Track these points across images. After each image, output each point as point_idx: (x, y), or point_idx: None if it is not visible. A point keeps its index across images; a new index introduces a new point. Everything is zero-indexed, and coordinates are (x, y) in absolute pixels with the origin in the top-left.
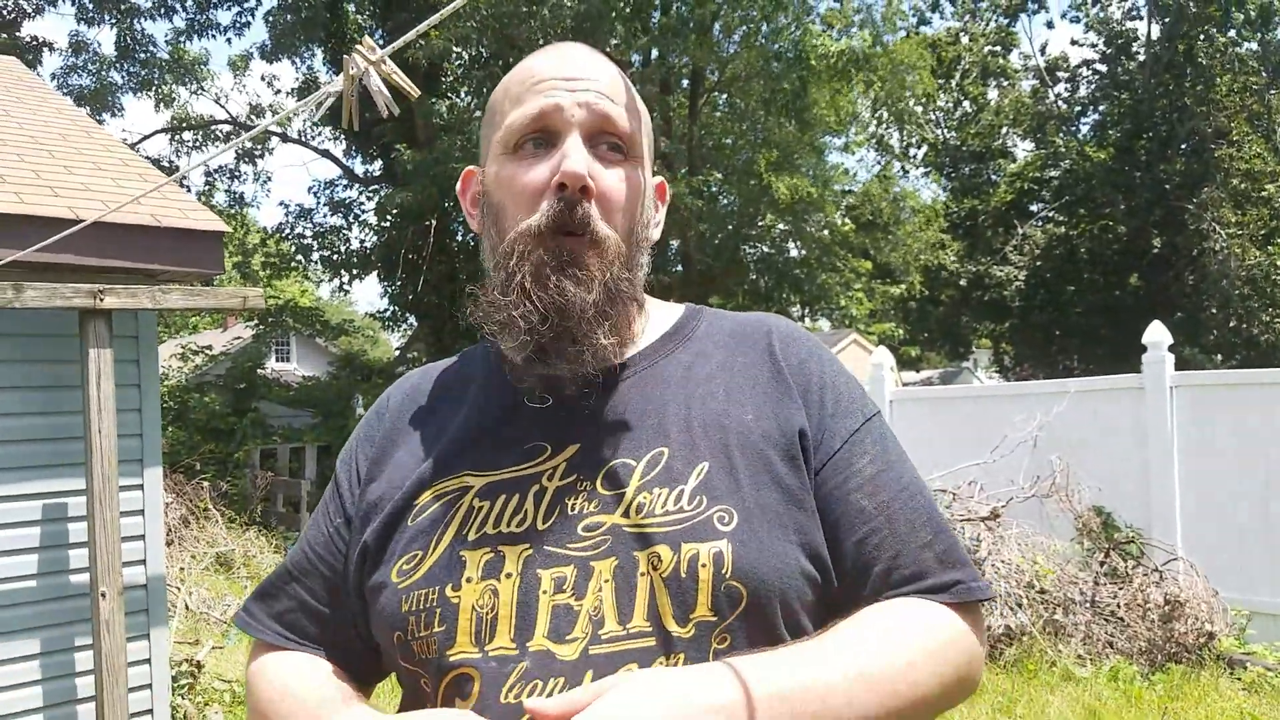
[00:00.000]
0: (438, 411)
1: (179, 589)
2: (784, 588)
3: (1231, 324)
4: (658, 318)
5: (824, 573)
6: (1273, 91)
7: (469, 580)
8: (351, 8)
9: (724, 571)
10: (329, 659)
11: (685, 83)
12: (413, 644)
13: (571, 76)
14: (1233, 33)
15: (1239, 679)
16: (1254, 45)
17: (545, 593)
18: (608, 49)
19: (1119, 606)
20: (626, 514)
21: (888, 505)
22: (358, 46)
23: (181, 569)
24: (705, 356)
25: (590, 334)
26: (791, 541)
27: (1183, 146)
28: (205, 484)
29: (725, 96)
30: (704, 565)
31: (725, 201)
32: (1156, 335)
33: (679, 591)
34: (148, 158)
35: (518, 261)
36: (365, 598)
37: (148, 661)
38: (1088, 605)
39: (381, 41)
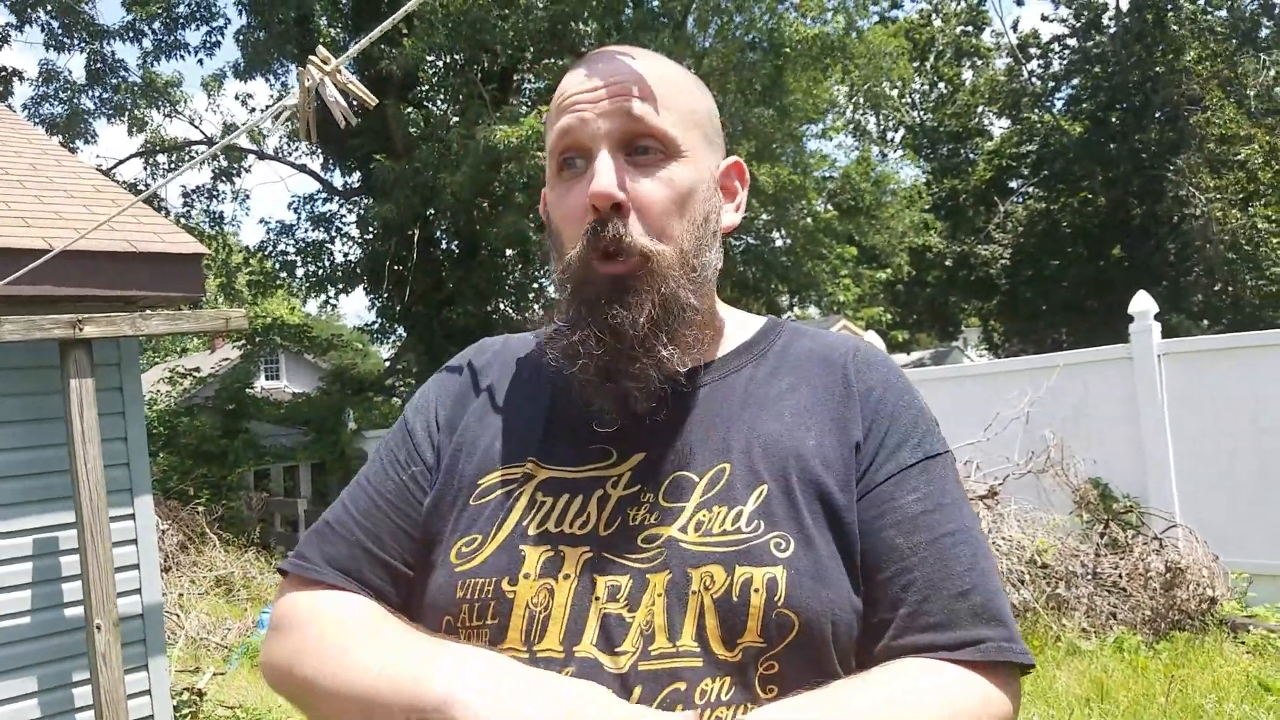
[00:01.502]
0: (512, 391)
1: (179, 616)
2: (835, 620)
3: (1216, 288)
4: (735, 329)
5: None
6: (1240, 56)
7: (526, 576)
8: (324, 21)
9: (776, 599)
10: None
11: None
12: (461, 632)
13: (595, 86)
14: (1201, 0)
15: (1243, 642)
16: (1222, 12)
17: (598, 599)
18: (582, 49)
19: (1120, 577)
20: (684, 530)
21: (924, 546)
22: (311, 58)
23: (180, 595)
24: (777, 375)
25: (649, 349)
26: (845, 574)
27: (1157, 115)
28: (200, 508)
29: None
30: (756, 590)
31: None
32: (1142, 304)
33: (728, 614)
34: (123, 183)
35: (573, 292)
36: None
37: (148, 693)
38: (1089, 578)
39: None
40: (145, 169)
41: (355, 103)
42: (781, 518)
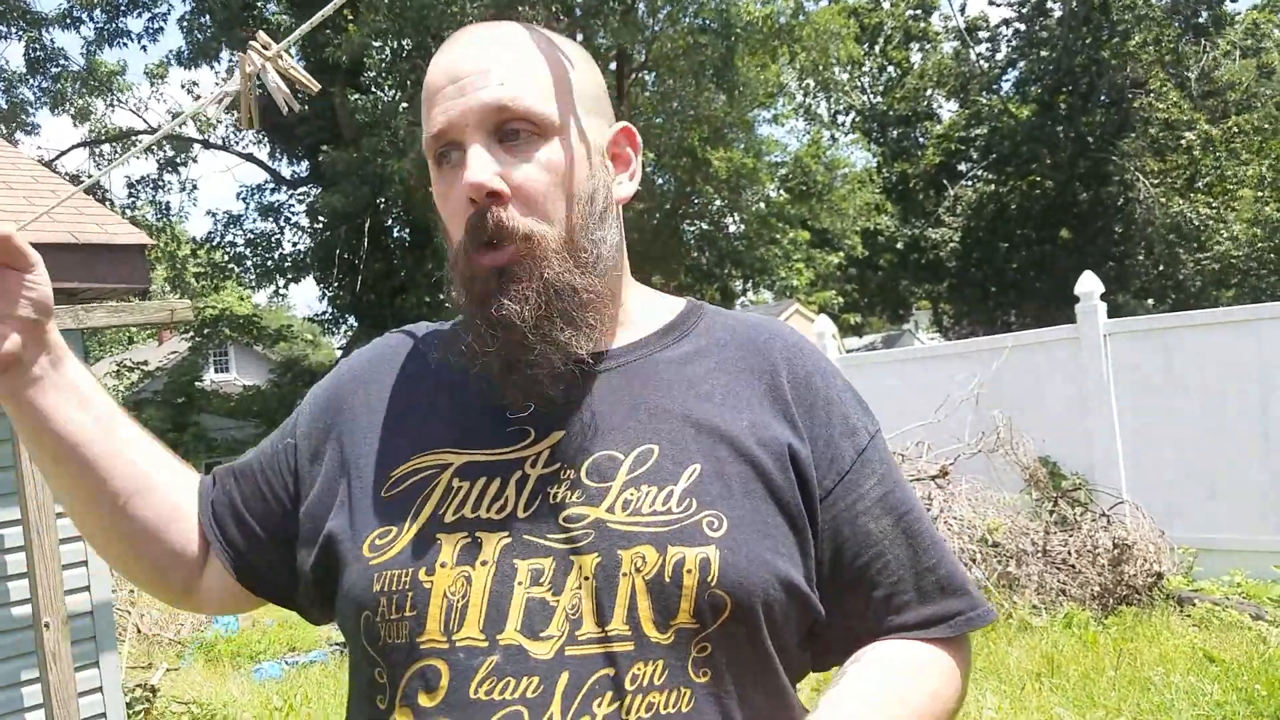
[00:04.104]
0: (425, 379)
1: (129, 612)
2: (769, 600)
3: (1160, 269)
4: (656, 309)
5: (812, 589)
6: (1182, 42)
7: (443, 565)
8: (271, 7)
9: (709, 579)
10: (233, 565)
11: (612, 65)
12: (380, 626)
13: (459, 76)
14: None
15: (1189, 616)
16: None
17: (520, 584)
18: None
19: (1070, 554)
20: (611, 509)
21: (893, 529)
22: (252, 43)
23: (131, 590)
24: (703, 354)
25: (544, 335)
26: (781, 554)
27: (1102, 99)
28: None
29: (654, 76)
30: (689, 571)
31: (660, 181)
32: (1088, 285)
33: (661, 595)
34: (65, 173)
35: (463, 288)
36: (325, 547)
37: (99, 690)
38: (1039, 555)
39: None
40: (89, 159)
41: (300, 90)
42: (714, 497)
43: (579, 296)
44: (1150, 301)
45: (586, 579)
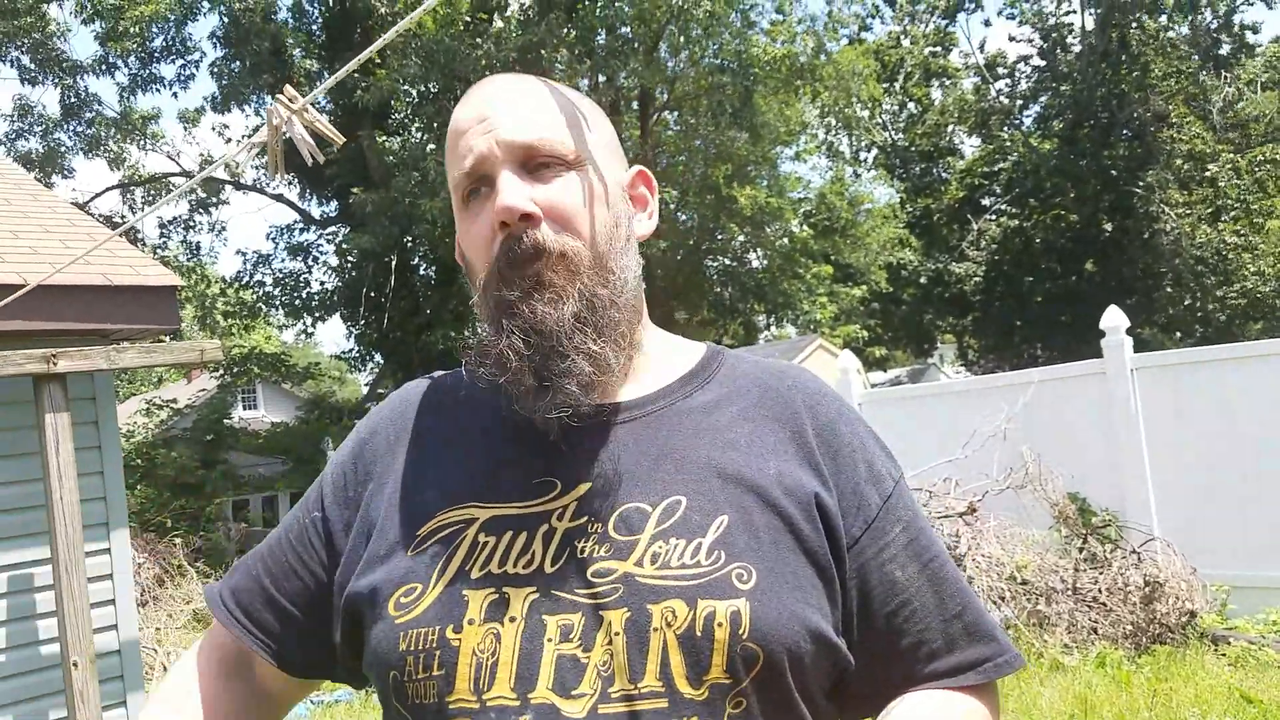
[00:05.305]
0: (445, 433)
1: (156, 650)
2: (799, 652)
3: (1187, 302)
4: (676, 356)
5: (840, 639)
6: (1205, 74)
7: (470, 622)
8: (298, 53)
9: (741, 632)
10: (274, 655)
11: (635, 105)
12: (408, 686)
13: (484, 117)
14: (1163, 18)
15: (1224, 655)
16: (1184, 29)
17: (550, 641)
18: (554, 75)
19: (1100, 592)
20: (640, 563)
21: (919, 575)
22: (279, 96)
23: (158, 629)
24: (726, 402)
25: (577, 345)
26: (810, 605)
27: (1124, 132)
28: (178, 541)
29: (676, 114)
30: (720, 624)
31: (684, 217)
32: (1114, 319)
33: (693, 650)
34: (99, 215)
35: (494, 305)
36: (349, 609)
37: None
38: (1069, 593)
39: (319, 83)
40: (123, 201)
41: (325, 142)
42: (743, 548)
43: (610, 312)
44: (1177, 334)
45: (617, 635)
